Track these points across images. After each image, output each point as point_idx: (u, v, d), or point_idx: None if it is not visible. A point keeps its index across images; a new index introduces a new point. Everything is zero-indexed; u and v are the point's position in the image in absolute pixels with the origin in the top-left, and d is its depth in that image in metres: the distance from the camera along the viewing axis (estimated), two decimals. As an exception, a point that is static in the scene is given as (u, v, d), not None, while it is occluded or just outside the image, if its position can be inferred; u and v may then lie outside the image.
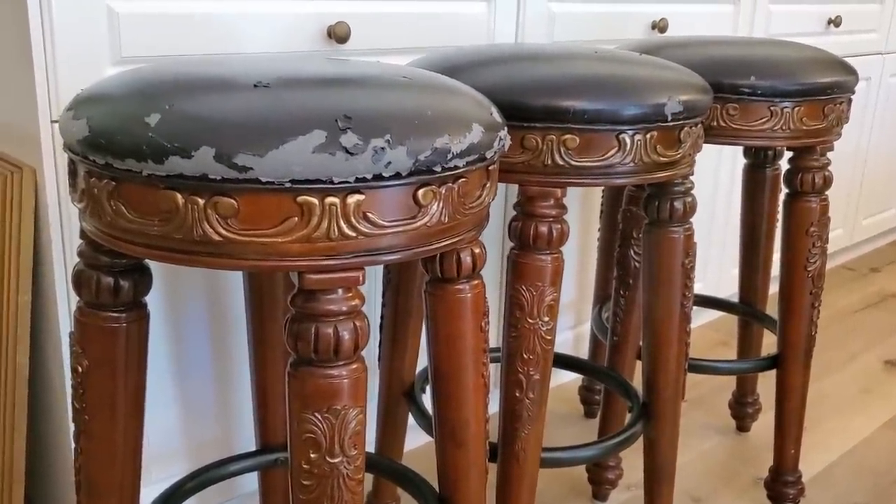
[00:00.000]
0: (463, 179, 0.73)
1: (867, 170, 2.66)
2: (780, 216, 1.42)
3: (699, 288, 2.08)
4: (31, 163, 1.01)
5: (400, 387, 1.26)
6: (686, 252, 1.15)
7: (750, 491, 1.55)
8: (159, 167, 0.64)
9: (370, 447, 1.29)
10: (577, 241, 1.78)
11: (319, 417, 0.70)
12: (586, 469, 1.51)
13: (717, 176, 2.04)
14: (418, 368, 1.27)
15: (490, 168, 0.78)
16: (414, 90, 0.74)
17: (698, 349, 2.09)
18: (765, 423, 1.74)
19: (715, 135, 1.25)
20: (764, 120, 1.24)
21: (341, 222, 0.66)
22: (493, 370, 1.26)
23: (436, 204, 0.71)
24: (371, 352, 1.44)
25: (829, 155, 1.35)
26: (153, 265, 0.87)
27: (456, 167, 0.71)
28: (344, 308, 0.69)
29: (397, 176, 0.67)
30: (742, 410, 1.74)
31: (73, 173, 0.74)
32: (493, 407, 1.09)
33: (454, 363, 0.90)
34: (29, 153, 1.02)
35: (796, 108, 1.24)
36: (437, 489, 0.98)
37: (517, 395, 1.04)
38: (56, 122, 0.99)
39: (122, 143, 0.66)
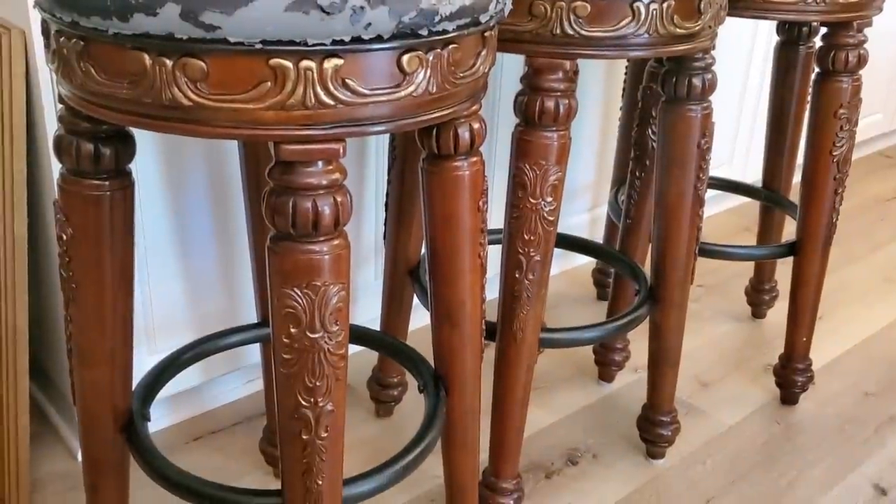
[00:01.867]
0: (453, 45, 0.68)
1: (913, 52, 2.52)
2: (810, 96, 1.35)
3: (725, 172, 2.02)
4: (20, 24, 0.97)
5: (405, 265, 1.24)
6: (703, 132, 1.10)
7: (759, 377, 1.55)
8: (124, 25, 0.60)
9: (377, 324, 1.30)
10: (599, 121, 1.72)
11: (299, 293, 0.68)
12: (593, 351, 1.51)
13: (750, 55, 1.95)
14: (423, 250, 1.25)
15: (486, 34, 0.73)
16: (403, -54, 0.69)
17: (720, 234, 2.05)
18: (781, 311, 1.71)
19: (743, 7, 1.18)
20: (797, -9, 1.16)
21: (318, 89, 0.62)
22: (496, 251, 1.23)
23: (422, 71, 0.66)
24: (378, 230, 1.42)
25: (869, 32, 1.26)
26: (145, 134, 0.85)
27: (445, 31, 0.66)
28: (324, 182, 0.66)
29: (378, 39, 0.63)
30: (758, 297, 1.71)
31: (45, 33, 0.70)
32: (496, 292, 1.07)
33: (450, 243, 0.87)
34: (17, 13, 0.98)
35: (833, -21, 1.15)
36: (434, 367, 0.98)
37: (517, 275, 1.02)
38: (40, -20, 0.94)
39: (86, 0, 0.62)
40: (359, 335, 1.08)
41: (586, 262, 1.86)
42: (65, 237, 0.79)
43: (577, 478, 1.29)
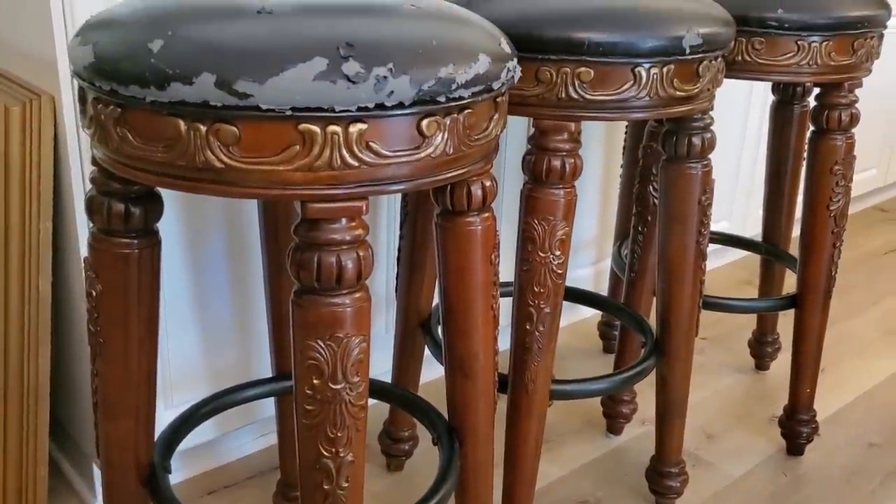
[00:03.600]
0: (469, 110, 0.73)
1: (905, 108, 2.58)
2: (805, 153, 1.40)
3: (725, 227, 2.06)
4: (50, 90, 1.02)
5: (417, 318, 1.27)
6: (703, 189, 1.14)
7: (764, 429, 1.56)
8: (161, 93, 0.64)
9: (388, 377, 1.32)
10: (601, 176, 1.77)
11: (322, 345, 0.71)
12: (601, 403, 1.53)
13: (747, 114, 2.00)
14: (435, 300, 1.28)
15: (498, 99, 0.77)
16: (420, 19, 0.73)
17: (722, 287, 2.09)
18: (784, 363, 1.74)
19: (739, 70, 1.23)
20: (790, 55, 1.21)
21: (343, 151, 0.66)
22: (507, 304, 1.26)
23: (440, 135, 0.70)
24: (389, 283, 1.45)
25: (865, 90, 1.31)
26: (169, 193, 0.88)
27: (461, 97, 0.70)
28: (347, 237, 0.70)
29: (400, 105, 0.67)
30: (762, 349, 1.74)
31: (82, 99, 0.74)
32: (506, 343, 1.10)
33: (463, 296, 0.90)
34: (47, 80, 1.02)
35: (825, 43, 1.21)
36: (447, 419, 1.00)
37: (528, 327, 1.05)
38: (72, 49, 0.99)
39: (125, 70, 0.66)
40: (372, 388, 1.10)
41: (592, 314, 1.89)
42: (94, 293, 0.83)
43: (587, 530, 1.30)
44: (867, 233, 2.57)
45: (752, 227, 2.18)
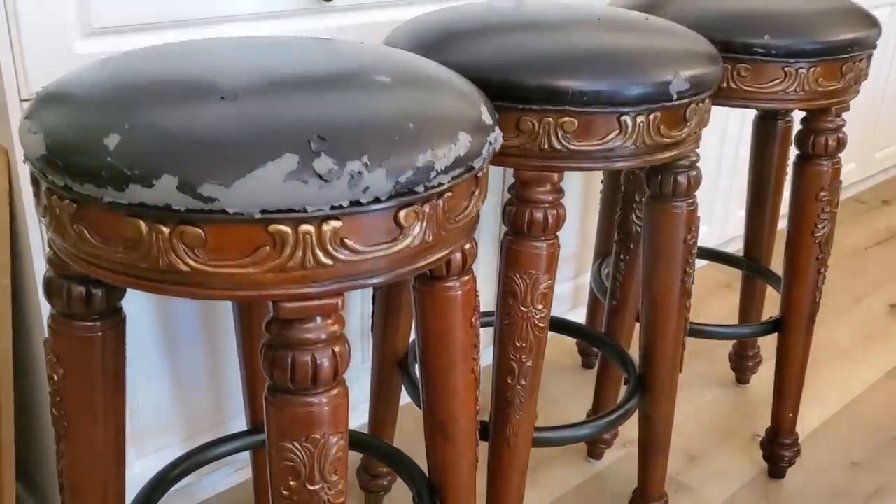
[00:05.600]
0: (449, 194, 0.69)
1: (885, 101, 2.57)
2: (789, 171, 1.37)
3: (705, 232, 2.04)
4: (4, 142, 0.96)
5: (393, 357, 1.23)
6: (689, 227, 1.11)
7: (746, 448, 1.55)
8: (119, 195, 0.60)
9: (366, 408, 1.29)
10: (580, 191, 1.73)
11: (298, 446, 0.67)
12: (583, 427, 1.51)
13: (727, 114, 1.97)
14: (412, 337, 1.24)
15: (479, 175, 0.73)
16: (393, 92, 0.69)
17: (701, 292, 2.07)
18: (764, 376, 1.73)
19: (724, 97, 1.19)
20: (777, 81, 1.17)
21: (317, 251, 0.62)
22: (486, 334, 1.24)
23: (419, 224, 0.66)
24: (364, 319, 1.41)
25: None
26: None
27: (440, 184, 0.66)
28: (322, 336, 0.66)
29: (376, 200, 0.63)
30: (742, 364, 1.72)
31: (35, 184, 0.69)
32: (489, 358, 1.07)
33: (443, 360, 0.87)
34: (1, 132, 0.97)
35: (812, 69, 1.17)
36: (427, 474, 0.97)
37: (509, 381, 1.02)
38: (25, 100, 0.94)
39: (80, 166, 0.61)
40: (353, 441, 1.07)
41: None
42: (56, 377, 0.78)
43: (571, 565, 1.28)
44: (846, 227, 2.56)
45: (733, 230, 2.16)
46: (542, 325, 0.99)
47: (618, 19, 1.04)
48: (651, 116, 0.92)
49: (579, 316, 1.83)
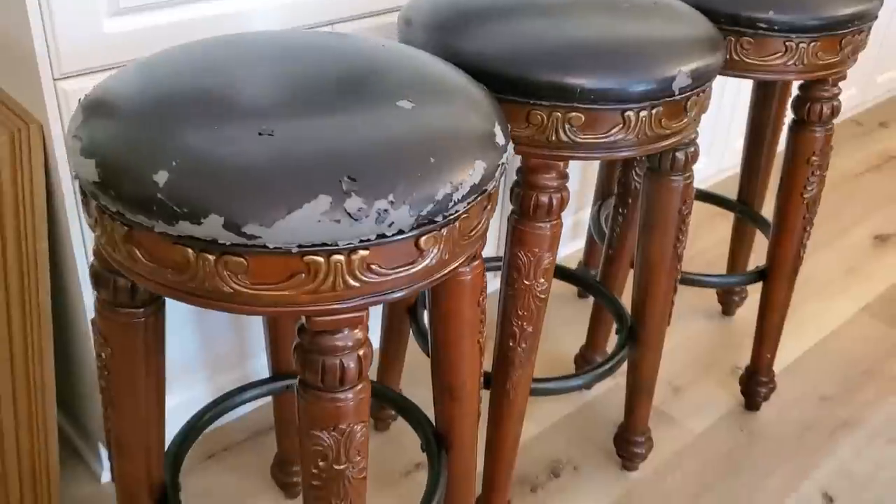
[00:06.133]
0: (464, 216, 0.75)
1: (890, 25, 2.57)
2: (785, 126, 1.42)
3: (704, 163, 2.10)
4: (39, 117, 1.01)
5: (404, 304, 1.32)
6: (684, 199, 1.18)
7: (726, 380, 1.67)
8: (170, 227, 0.67)
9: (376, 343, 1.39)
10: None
11: (326, 435, 0.77)
12: (574, 360, 1.62)
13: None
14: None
15: (492, 192, 0.80)
16: (416, 120, 0.74)
17: (696, 219, 2.13)
18: (748, 309, 1.83)
19: (727, 67, 1.23)
20: (778, 55, 1.21)
21: (346, 276, 0.69)
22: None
23: (437, 247, 0.73)
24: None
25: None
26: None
27: (457, 211, 0.73)
28: (349, 343, 0.74)
29: (400, 232, 0.69)
30: (728, 298, 1.82)
31: (85, 198, 0.75)
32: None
33: (452, 334, 0.96)
34: (36, 108, 1.01)
35: (812, 43, 1.21)
36: (434, 424, 1.08)
37: (511, 344, 1.11)
38: (59, 79, 0.98)
39: (132, 198, 0.67)
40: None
41: (570, 253, 1.95)
42: (104, 355, 0.87)
43: (560, 490, 1.42)
44: (841, 151, 2.61)
45: (731, 159, 2.21)
46: (542, 296, 1.07)
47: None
48: (653, 111, 0.97)
49: (577, 247, 1.92)
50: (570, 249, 1.94)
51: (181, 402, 1.28)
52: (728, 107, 2.10)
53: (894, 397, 1.67)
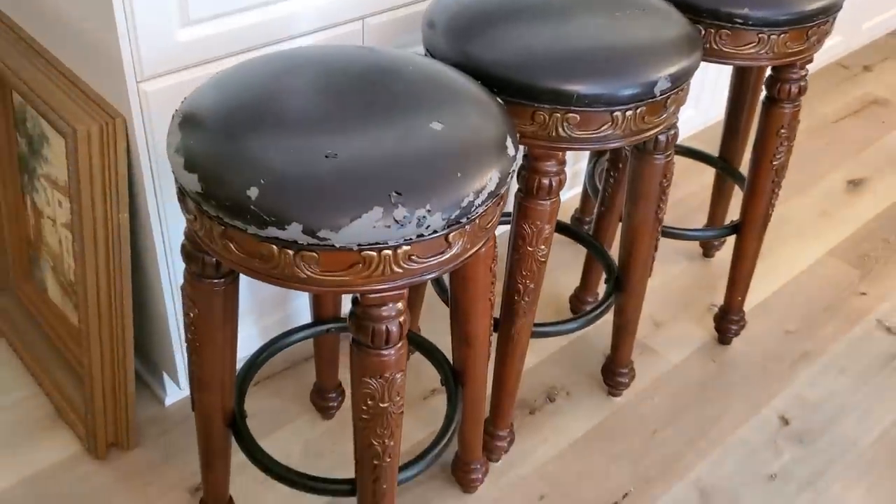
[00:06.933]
0: (483, 214, 0.96)
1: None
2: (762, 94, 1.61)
3: (692, 115, 2.28)
4: (123, 112, 1.21)
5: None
6: (664, 174, 1.37)
7: (703, 317, 1.90)
8: (260, 231, 0.87)
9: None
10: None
11: (374, 382, 0.99)
12: (569, 300, 1.85)
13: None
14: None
15: (503, 193, 1.00)
16: (445, 141, 0.94)
17: (681, 168, 2.32)
18: (727, 251, 2.03)
19: (706, 54, 1.41)
20: (752, 45, 1.39)
21: (393, 265, 0.90)
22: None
23: (461, 239, 0.94)
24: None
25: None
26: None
27: (477, 213, 0.94)
28: (393, 313, 0.96)
29: (434, 232, 0.90)
30: (708, 242, 2.03)
31: (182, 197, 0.96)
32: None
33: (468, 295, 1.17)
34: (120, 104, 1.21)
35: (782, 35, 1.38)
36: (451, 363, 1.31)
37: (516, 298, 1.33)
38: (141, 81, 1.17)
39: (230, 208, 0.88)
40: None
41: (567, 199, 2.15)
42: (191, 315, 1.09)
43: (554, 413, 1.66)
44: (826, 95, 2.77)
45: (719, 106, 2.38)
46: (542, 260, 1.29)
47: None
48: (637, 110, 1.17)
49: (574, 194, 2.12)
50: (567, 196, 2.14)
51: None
52: (717, 62, 2.26)
53: (850, 332, 1.90)
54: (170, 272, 1.37)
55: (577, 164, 2.08)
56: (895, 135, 2.62)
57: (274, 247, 0.89)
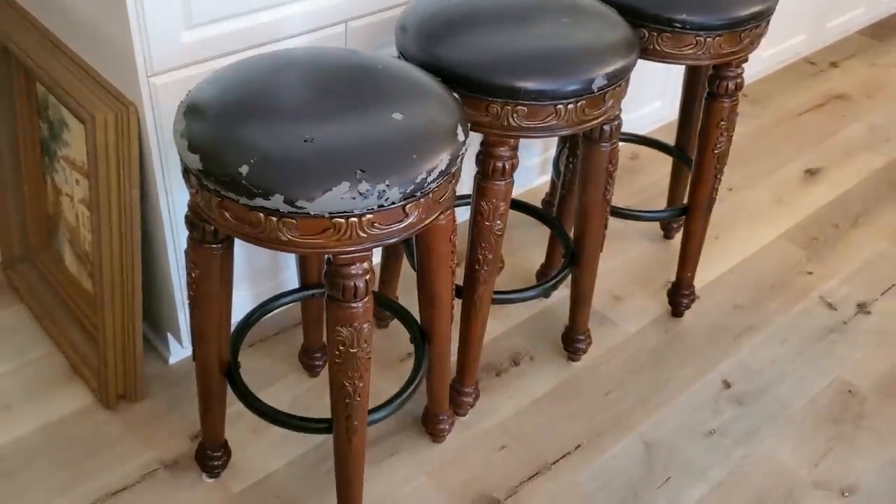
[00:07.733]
0: (436, 189, 1.14)
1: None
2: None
3: (658, 107, 2.46)
4: (135, 101, 1.40)
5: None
6: (610, 160, 1.56)
7: (658, 293, 2.08)
8: (249, 201, 1.06)
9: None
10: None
11: (345, 330, 1.18)
12: (535, 274, 2.03)
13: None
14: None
15: (454, 172, 1.19)
16: (403, 128, 1.13)
17: (646, 158, 2.51)
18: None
19: (650, 54, 1.59)
20: (690, 47, 1.57)
21: (358, 230, 1.09)
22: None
23: (417, 210, 1.13)
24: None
25: None
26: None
27: (430, 188, 1.12)
28: (360, 272, 1.15)
29: (392, 203, 1.09)
30: (668, 224, 2.22)
31: (186, 174, 1.15)
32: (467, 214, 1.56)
33: (432, 262, 1.36)
34: (132, 95, 1.39)
35: (717, 38, 1.56)
36: (419, 323, 1.50)
37: (476, 267, 1.51)
38: (150, 76, 1.36)
39: (225, 183, 1.07)
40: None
41: (538, 185, 2.34)
42: (193, 275, 1.28)
43: (518, 375, 1.85)
44: (791, 90, 2.95)
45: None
46: (499, 233, 1.47)
47: (568, 6, 1.43)
48: (578, 104, 1.35)
49: (545, 179, 2.31)
50: (539, 182, 2.33)
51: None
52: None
53: (794, 307, 2.08)
54: (174, 242, 1.56)
55: (547, 152, 2.26)
56: (854, 128, 2.79)
57: (261, 214, 1.08)
